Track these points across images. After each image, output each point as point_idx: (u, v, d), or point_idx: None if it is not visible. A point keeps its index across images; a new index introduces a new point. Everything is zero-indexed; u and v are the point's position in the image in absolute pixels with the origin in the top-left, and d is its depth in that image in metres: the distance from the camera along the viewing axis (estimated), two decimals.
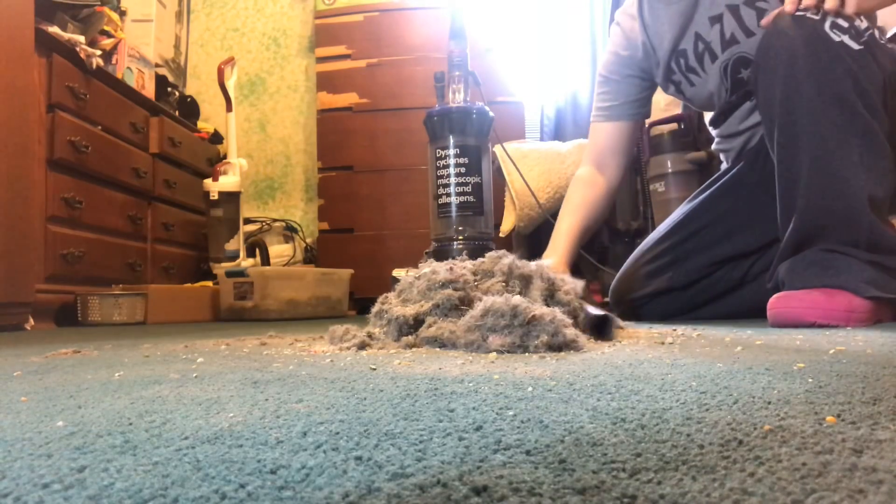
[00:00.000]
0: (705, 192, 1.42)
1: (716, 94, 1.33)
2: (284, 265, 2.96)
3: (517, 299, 0.76)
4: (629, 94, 1.45)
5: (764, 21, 1.11)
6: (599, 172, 1.45)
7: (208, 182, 2.70)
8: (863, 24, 1.03)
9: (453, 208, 1.42)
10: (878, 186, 1.01)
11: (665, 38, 1.35)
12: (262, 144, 3.33)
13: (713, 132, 1.46)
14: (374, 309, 0.90)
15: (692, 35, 1.30)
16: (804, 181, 1.03)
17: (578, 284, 0.94)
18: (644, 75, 1.44)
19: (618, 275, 1.46)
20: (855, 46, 1.00)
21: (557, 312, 0.75)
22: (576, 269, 1.43)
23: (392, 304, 0.87)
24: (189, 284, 2.55)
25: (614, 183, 1.46)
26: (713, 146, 1.51)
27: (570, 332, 0.73)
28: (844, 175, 1.00)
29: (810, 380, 0.47)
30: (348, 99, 2.84)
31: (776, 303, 1.03)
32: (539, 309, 0.74)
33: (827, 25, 1.01)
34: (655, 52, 1.38)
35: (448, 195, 1.42)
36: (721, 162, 1.53)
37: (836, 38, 1.00)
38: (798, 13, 1.03)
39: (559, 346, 0.71)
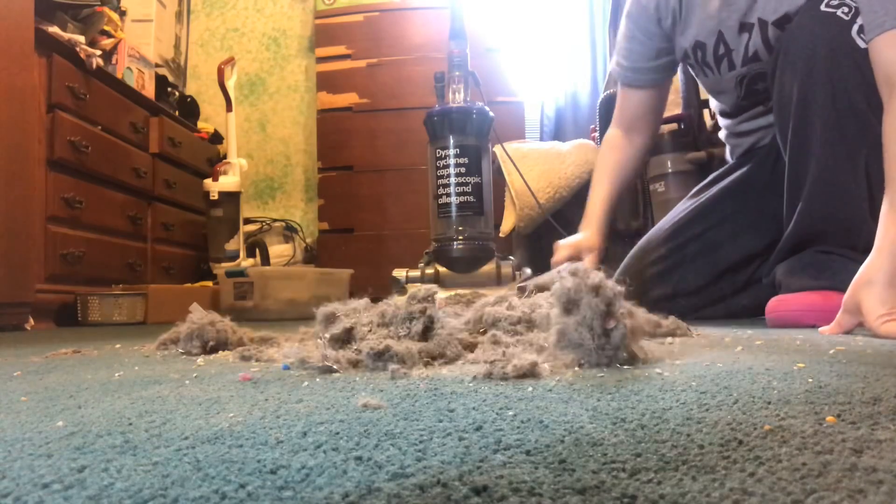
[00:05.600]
0: (711, 190, 1.39)
1: (726, 94, 1.31)
2: (284, 265, 2.97)
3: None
4: (651, 57, 1.36)
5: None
6: (627, 135, 1.42)
7: (208, 182, 2.70)
8: None
9: (453, 208, 1.42)
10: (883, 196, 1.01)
11: (694, 16, 1.26)
12: (262, 144, 3.33)
13: (722, 122, 1.43)
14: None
15: (716, 31, 1.23)
16: (808, 186, 1.03)
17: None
18: (669, 44, 1.35)
19: (619, 271, 1.44)
20: None
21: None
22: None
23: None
24: (189, 284, 2.55)
25: (646, 142, 1.44)
26: (722, 135, 1.47)
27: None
28: (848, 186, 1.00)
29: (810, 380, 0.47)
30: (348, 99, 2.84)
31: (774, 306, 1.03)
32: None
33: (854, 30, 0.98)
34: (681, 22, 1.29)
35: (448, 195, 1.42)
36: (725, 155, 1.51)
37: (862, 45, 0.97)
38: (828, 10, 1.00)
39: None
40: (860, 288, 0.82)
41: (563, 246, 1.27)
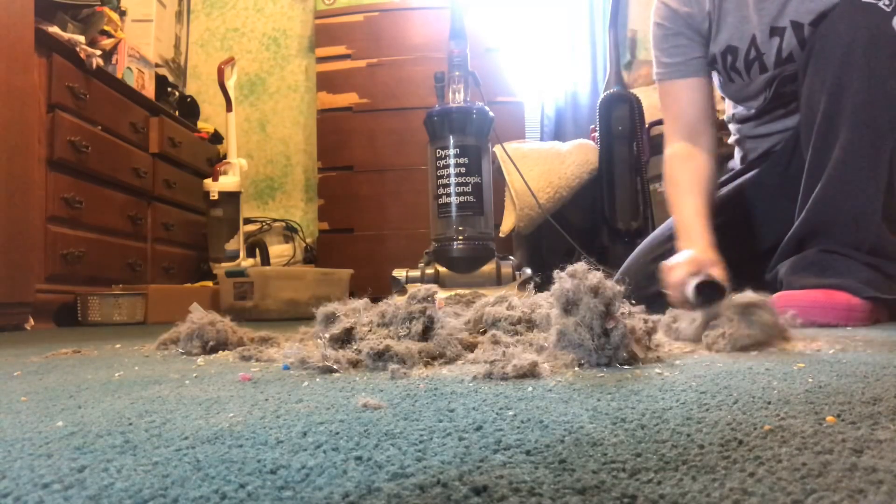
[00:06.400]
0: (720, 191, 1.35)
1: (751, 99, 1.29)
2: (284, 265, 2.97)
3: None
4: (698, 48, 1.26)
5: None
6: (694, 145, 1.25)
7: (208, 182, 2.70)
8: None
9: (453, 208, 1.42)
10: None
11: (726, 21, 1.22)
12: (262, 144, 3.33)
13: (736, 126, 1.40)
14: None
15: (748, 36, 1.20)
16: (828, 170, 1.03)
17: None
18: (703, 40, 1.28)
19: (621, 271, 1.42)
20: None
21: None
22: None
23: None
24: (189, 284, 2.55)
25: (714, 148, 1.26)
26: (730, 139, 1.45)
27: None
28: (868, 174, 1.00)
29: (810, 380, 0.47)
30: (348, 99, 2.84)
31: (776, 302, 1.03)
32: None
33: (895, 20, 0.99)
34: (715, 27, 1.24)
35: (448, 195, 1.42)
36: (733, 160, 1.49)
37: None
38: (869, 0, 1.01)
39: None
40: None
41: (679, 264, 0.97)
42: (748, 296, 0.73)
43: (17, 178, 1.69)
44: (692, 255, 1.02)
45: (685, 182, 1.22)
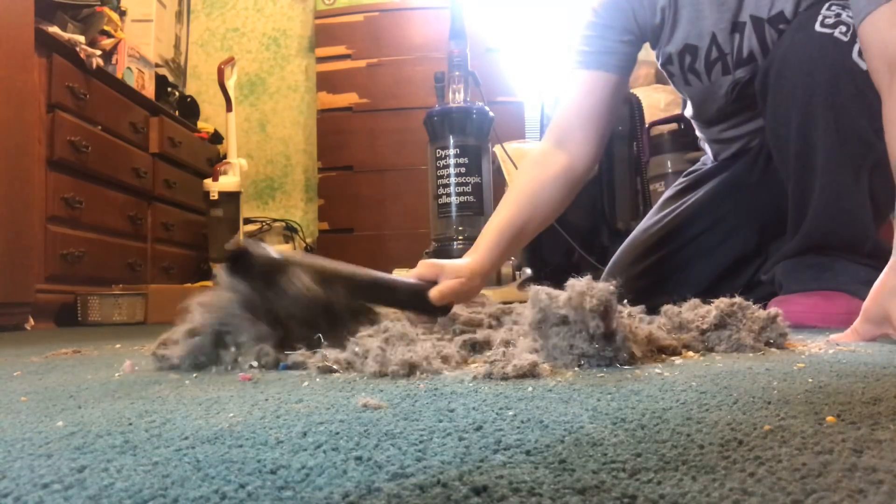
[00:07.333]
0: (697, 193, 1.33)
1: (712, 102, 1.23)
2: None
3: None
4: (622, 50, 1.13)
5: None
6: (558, 148, 1.08)
7: (208, 182, 2.70)
8: None
9: (453, 208, 1.42)
10: (886, 208, 1.01)
11: (682, 17, 1.13)
12: (262, 144, 3.33)
13: (701, 128, 1.36)
14: None
15: (708, 34, 1.12)
16: (814, 206, 1.02)
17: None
18: (643, 38, 1.18)
19: (608, 269, 1.35)
20: None
21: None
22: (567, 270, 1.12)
23: None
24: (189, 284, 2.55)
25: (578, 165, 1.08)
26: (698, 135, 1.40)
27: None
28: (854, 207, 1.00)
29: (810, 380, 0.47)
30: (348, 99, 2.84)
31: (775, 306, 1.03)
32: None
33: (855, 51, 0.93)
34: (673, 27, 1.15)
35: (448, 195, 1.42)
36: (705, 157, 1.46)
37: (864, 67, 0.90)
38: (824, 31, 0.96)
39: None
40: (888, 297, 0.72)
41: (427, 264, 0.90)
42: (743, 302, 0.73)
43: (17, 178, 1.69)
44: (458, 264, 0.92)
45: (514, 190, 1.07)
